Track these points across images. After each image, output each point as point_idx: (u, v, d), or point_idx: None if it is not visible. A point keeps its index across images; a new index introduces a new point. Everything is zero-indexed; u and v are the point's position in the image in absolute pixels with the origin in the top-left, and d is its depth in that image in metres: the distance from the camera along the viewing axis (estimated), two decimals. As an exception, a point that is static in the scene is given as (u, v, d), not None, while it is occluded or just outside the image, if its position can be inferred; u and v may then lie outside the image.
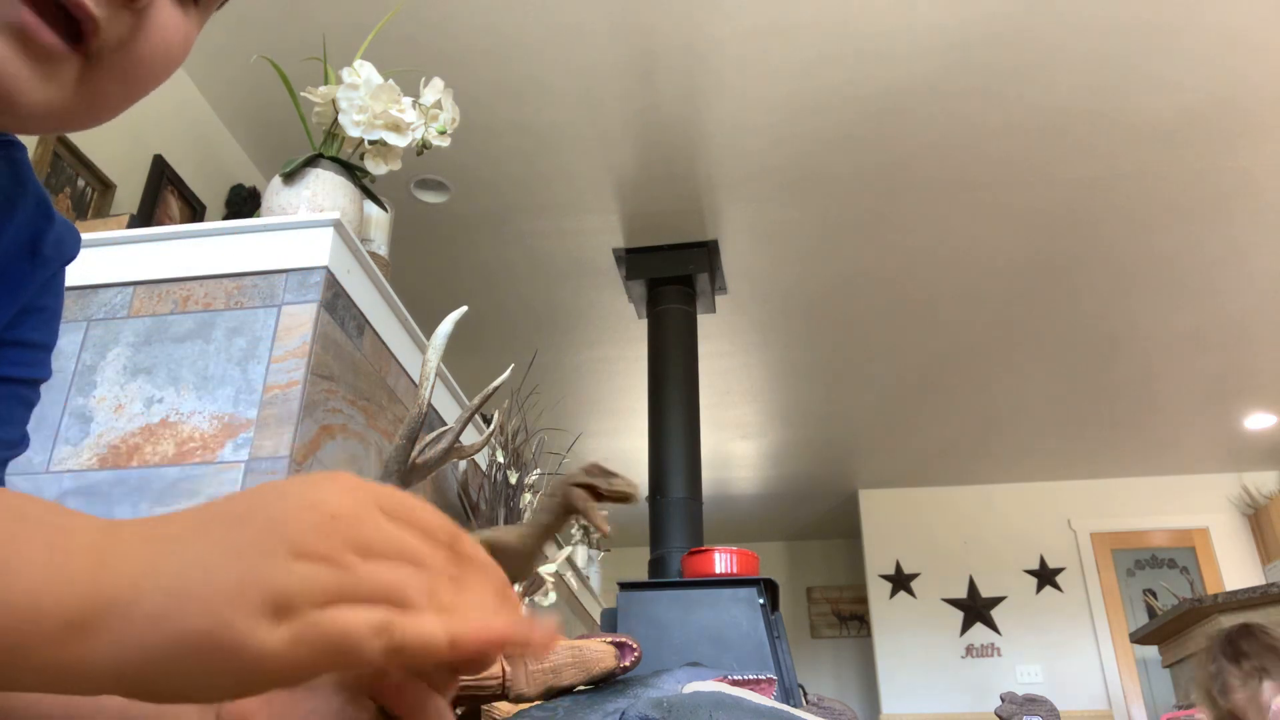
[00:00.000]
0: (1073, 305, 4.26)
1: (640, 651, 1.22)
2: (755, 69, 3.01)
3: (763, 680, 1.28)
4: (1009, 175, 3.47)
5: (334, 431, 1.37)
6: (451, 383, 1.90)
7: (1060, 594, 6.09)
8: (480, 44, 2.90)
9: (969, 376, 4.93)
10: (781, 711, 1.08)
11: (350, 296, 1.47)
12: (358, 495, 0.33)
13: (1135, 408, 5.26)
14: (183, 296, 1.41)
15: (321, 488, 0.33)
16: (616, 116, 3.21)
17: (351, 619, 0.30)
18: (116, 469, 1.27)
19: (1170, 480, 6.22)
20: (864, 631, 6.96)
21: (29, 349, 0.57)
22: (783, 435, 5.76)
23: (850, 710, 2.63)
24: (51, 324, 0.59)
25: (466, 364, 3.52)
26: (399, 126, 1.61)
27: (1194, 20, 2.81)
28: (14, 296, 0.55)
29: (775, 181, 3.52)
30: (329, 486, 0.33)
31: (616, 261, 3.96)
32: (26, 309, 0.56)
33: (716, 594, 2.79)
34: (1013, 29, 2.86)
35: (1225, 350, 4.62)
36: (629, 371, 4.83)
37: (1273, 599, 3.19)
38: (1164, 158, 3.37)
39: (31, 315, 0.57)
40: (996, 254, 3.92)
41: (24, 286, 0.55)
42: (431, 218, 3.68)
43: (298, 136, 1.64)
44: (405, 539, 0.33)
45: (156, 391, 1.34)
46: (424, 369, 1.45)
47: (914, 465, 6.16)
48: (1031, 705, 3.31)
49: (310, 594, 0.29)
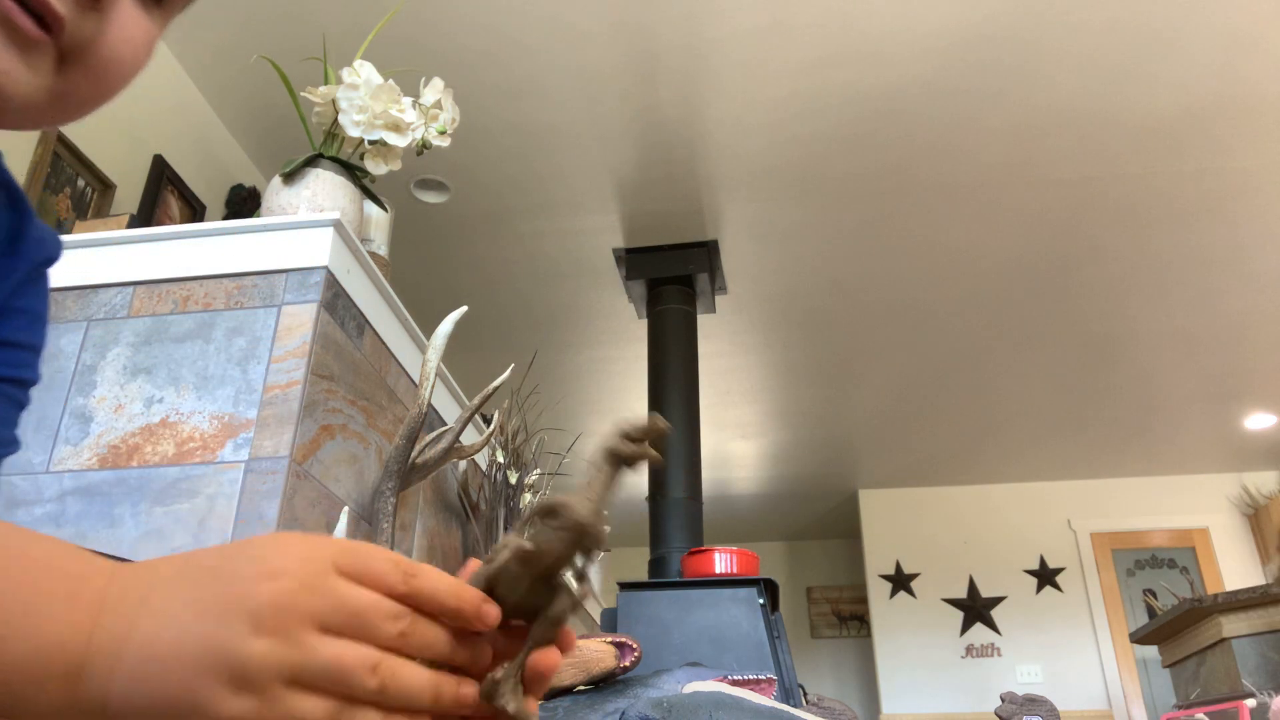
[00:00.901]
0: (1073, 305, 4.26)
1: (640, 651, 1.22)
2: (755, 69, 3.01)
3: (763, 680, 1.28)
4: (1009, 175, 3.47)
5: (334, 431, 1.37)
6: (451, 383, 1.90)
7: (1060, 594, 6.09)
8: (480, 44, 2.90)
9: (969, 376, 4.93)
10: (781, 711, 1.08)
11: (350, 296, 1.47)
12: (316, 562, 0.36)
13: (1135, 408, 5.26)
14: (183, 296, 1.41)
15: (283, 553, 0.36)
16: (616, 117, 3.22)
17: (307, 709, 0.33)
18: (116, 469, 1.27)
19: (1170, 480, 6.22)
20: (864, 631, 6.96)
21: (14, 349, 0.56)
22: (783, 435, 5.76)
23: (850, 710, 2.63)
24: (36, 327, 0.59)
25: (466, 364, 3.52)
26: (399, 126, 1.61)
27: (1194, 20, 2.81)
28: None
29: (775, 182, 3.52)
30: (290, 553, 0.36)
31: (616, 261, 3.97)
32: (8, 309, 0.56)
33: (716, 594, 2.79)
34: (1012, 29, 2.86)
35: (1225, 350, 4.62)
36: (629, 371, 4.83)
37: (1273, 599, 3.19)
38: (1164, 158, 3.37)
39: (14, 316, 0.56)
40: (997, 254, 3.92)
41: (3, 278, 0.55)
42: (431, 218, 3.68)
43: (298, 136, 1.64)
44: (361, 606, 0.35)
45: (156, 391, 1.34)
46: (424, 369, 1.45)
47: (914, 465, 6.16)
48: (1031, 705, 3.31)
49: (267, 673, 0.33)
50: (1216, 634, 3.28)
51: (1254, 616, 3.20)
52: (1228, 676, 3.20)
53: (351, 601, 0.35)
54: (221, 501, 1.22)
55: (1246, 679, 3.06)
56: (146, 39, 0.48)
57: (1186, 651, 3.57)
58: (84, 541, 1.20)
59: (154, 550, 1.21)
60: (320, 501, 1.31)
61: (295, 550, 0.36)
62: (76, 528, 1.23)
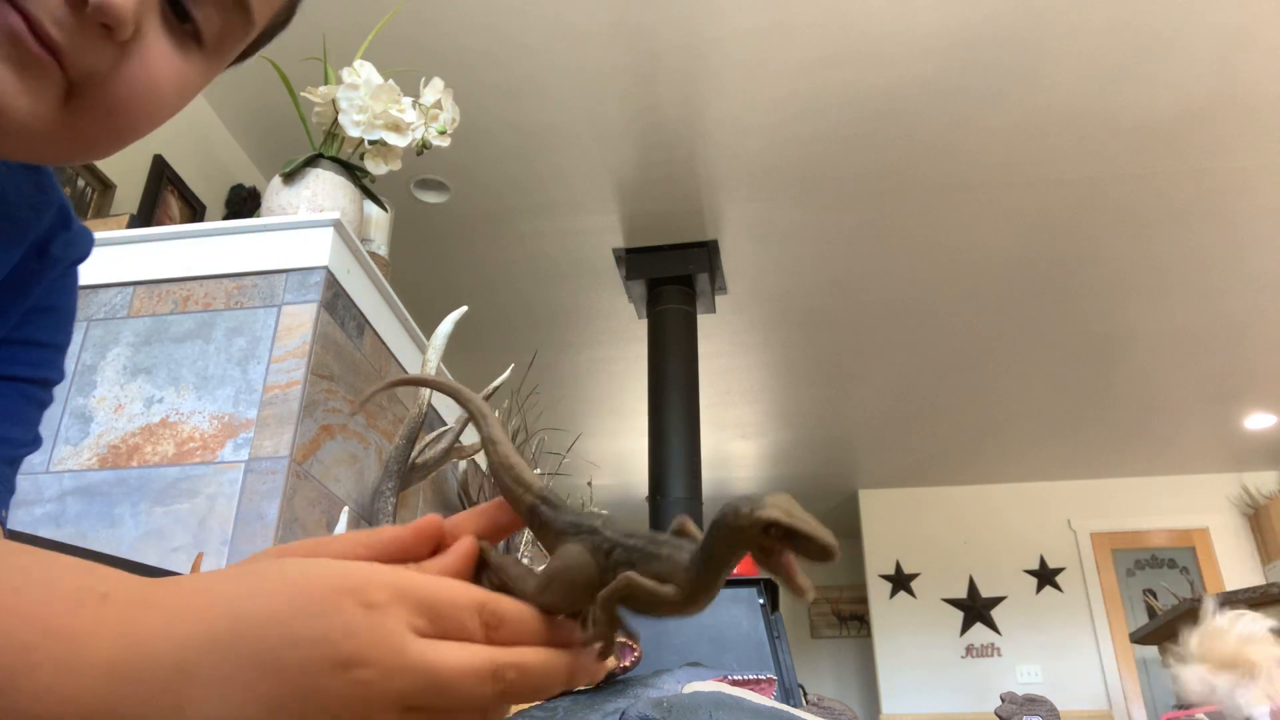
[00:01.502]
0: (1073, 305, 4.26)
1: (640, 651, 1.22)
2: (755, 69, 3.01)
3: (763, 680, 1.28)
4: (1009, 176, 3.47)
5: (334, 431, 1.37)
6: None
7: (1060, 594, 6.09)
8: (480, 44, 2.90)
9: (969, 376, 4.93)
10: (781, 711, 1.08)
11: (350, 296, 1.47)
12: (390, 633, 0.32)
13: (1135, 408, 5.26)
14: (183, 296, 1.41)
15: (351, 628, 0.31)
16: (616, 117, 3.21)
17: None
18: (116, 469, 1.27)
19: (1170, 480, 6.22)
20: (864, 632, 6.96)
21: (38, 348, 0.57)
22: (783, 435, 5.76)
23: (850, 710, 2.63)
24: (63, 325, 0.59)
25: (466, 364, 3.52)
26: (399, 126, 1.61)
27: (1194, 20, 2.81)
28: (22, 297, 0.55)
29: (775, 182, 3.52)
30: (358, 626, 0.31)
31: (616, 261, 3.96)
32: (35, 308, 0.56)
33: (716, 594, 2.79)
34: (1012, 30, 2.86)
35: (1225, 350, 4.62)
36: (629, 371, 4.83)
37: (1273, 599, 3.19)
38: (1163, 158, 3.37)
39: (41, 315, 0.57)
40: (996, 254, 3.92)
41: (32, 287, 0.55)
42: (431, 218, 3.68)
43: (298, 136, 1.64)
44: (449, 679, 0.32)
45: (156, 391, 1.34)
46: (424, 369, 1.45)
47: (914, 465, 6.16)
48: (1031, 705, 3.31)
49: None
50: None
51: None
52: (1228, 676, 3.20)
53: (440, 676, 0.31)
54: (221, 501, 1.22)
55: (1246, 679, 3.05)
56: (176, 81, 0.43)
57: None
58: (84, 541, 1.20)
59: (154, 550, 1.21)
60: (320, 501, 1.31)
61: (363, 623, 0.31)
62: (76, 528, 1.23)
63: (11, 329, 0.55)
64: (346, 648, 0.30)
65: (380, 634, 0.31)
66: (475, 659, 0.32)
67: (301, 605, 0.31)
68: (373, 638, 0.31)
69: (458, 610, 0.33)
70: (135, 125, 0.44)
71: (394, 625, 0.31)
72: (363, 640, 0.31)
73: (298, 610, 0.31)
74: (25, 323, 0.56)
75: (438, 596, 0.33)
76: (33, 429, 0.58)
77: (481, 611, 0.34)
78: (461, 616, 0.33)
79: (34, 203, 0.54)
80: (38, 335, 0.57)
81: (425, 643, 0.31)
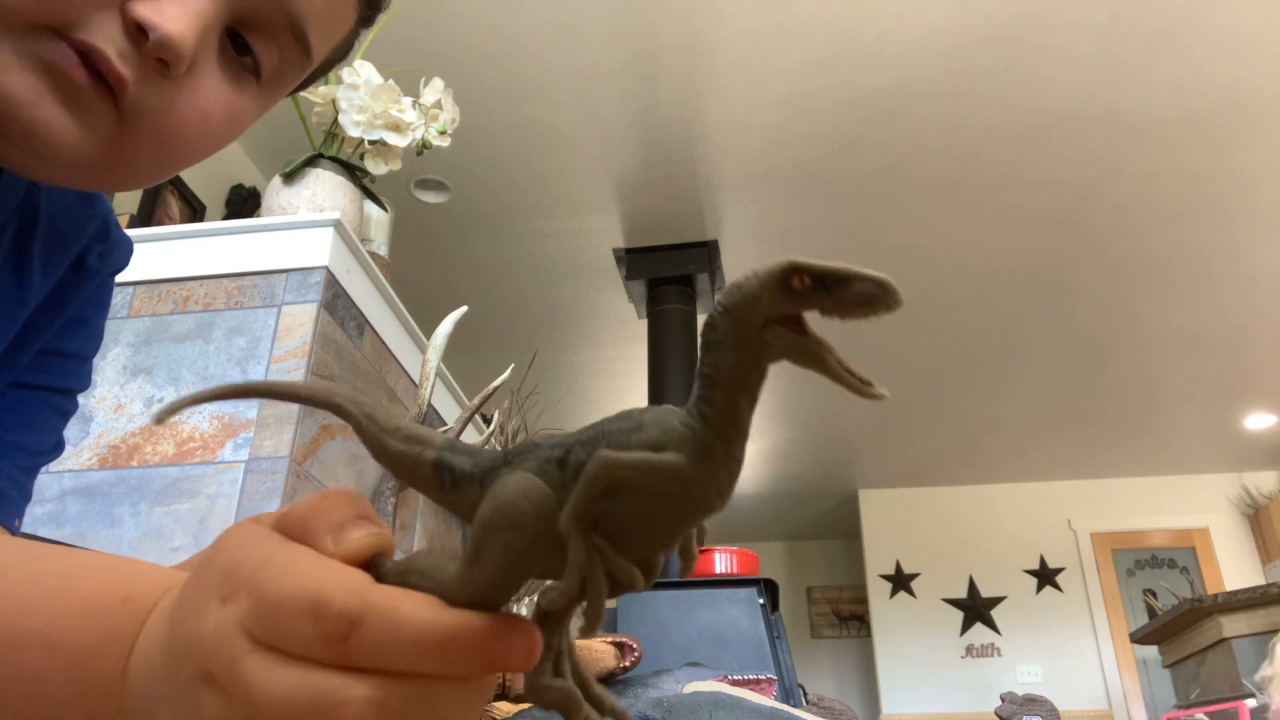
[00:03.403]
0: (1073, 305, 4.26)
1: (640, 651, 1.22)
2: (755, 70, 3.01)
3: (763, 680, 1.28)
4: (1008, 176, 3.47)
5: (334, 431, 1.37)
6: (451, 383, 1.90)
7: (1060, 594, 6.09)
8: (480, 45, 2.90)
9: (969, 376, 4.93)
10: (781, 711, 1.08)
11: (350, 296, 1.47)
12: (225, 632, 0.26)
13: (1135, 408, 5.26)
14: (183, 296, 1.41)
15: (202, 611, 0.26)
16: (616, 117, 3.22)
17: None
18: (116, 469, 1.27)
19: (1170, 480, 6.22)
20: (864, 631, 6.96)
21: (66, 359, 0.57)
22: (783, 435, 5.76)
23: (850, 710, 2.63)
24: (94, 336, 0.59)
25: (466, 364, 3.52)
26: (399, 126, 1.61)
27: (1193, 21, 2.81)
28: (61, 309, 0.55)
29: (775, 182, 3.52)
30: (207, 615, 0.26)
31: (616, 261, 3.97)
32: (70, 320, 0.56)
33: (716, 594, 2.79)
34: (1012, 31, 2.86)
35: (1225, 350, 4.62)
36: (629, 371, 4.83)
37: (1273, 599, 3.19)
38: (1163, 159, 3.37)
39: (75, 326, 0.57)
40: (996, 255, 3.92)
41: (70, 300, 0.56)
42: (431, 218, 3.68)
43: (298, 136, 1.64)
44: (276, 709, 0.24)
45: (156, 391, 1.34)
46: (424, 369, 1.45)
47: (914, 465, 6.16)
48: (1031, 705, 3.31)
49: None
50: (1216, 634, 3.28)
51: (1254, 616, 3.20)
52: (1228, 676, 3.20)
53: (261, 708, 0.23)
54: (222, 501, 1.22)
55: (1246, 679, 3.06)
56: (227, 113, 0.43)
57: (1186, 651, 3.57)
58: (84, 541, 1.20)
59: (154, 550, 1.21)
60: (320, 501, 1.31)
61: (210, 628, 0.25)
62: (76, 528, 1.23)
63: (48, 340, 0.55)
64: (197, 658, 0.24)
65: (222, 643, 0.24)
66: (298, 689, 0.23)
67: (182, 603, 0.26)
68: (216, 647, 0.24)
69: (283, 610, 0.23)
70: (184, 156, 0.43)
71: (233, 631, 0.24)
72: (209, 649, 0.24)
73: (176, 617, 0.27)
74: (59, 334, 0.56)
75: (271, 589, 0.24)
76: (54, 436, 0.58)
77: (317, 614, 0.23)
78: (292, 622, 0.23)
79: (78, 215, 0.54)
80: (69, 346, 0.57)
81: (257, 658, 0.24)
